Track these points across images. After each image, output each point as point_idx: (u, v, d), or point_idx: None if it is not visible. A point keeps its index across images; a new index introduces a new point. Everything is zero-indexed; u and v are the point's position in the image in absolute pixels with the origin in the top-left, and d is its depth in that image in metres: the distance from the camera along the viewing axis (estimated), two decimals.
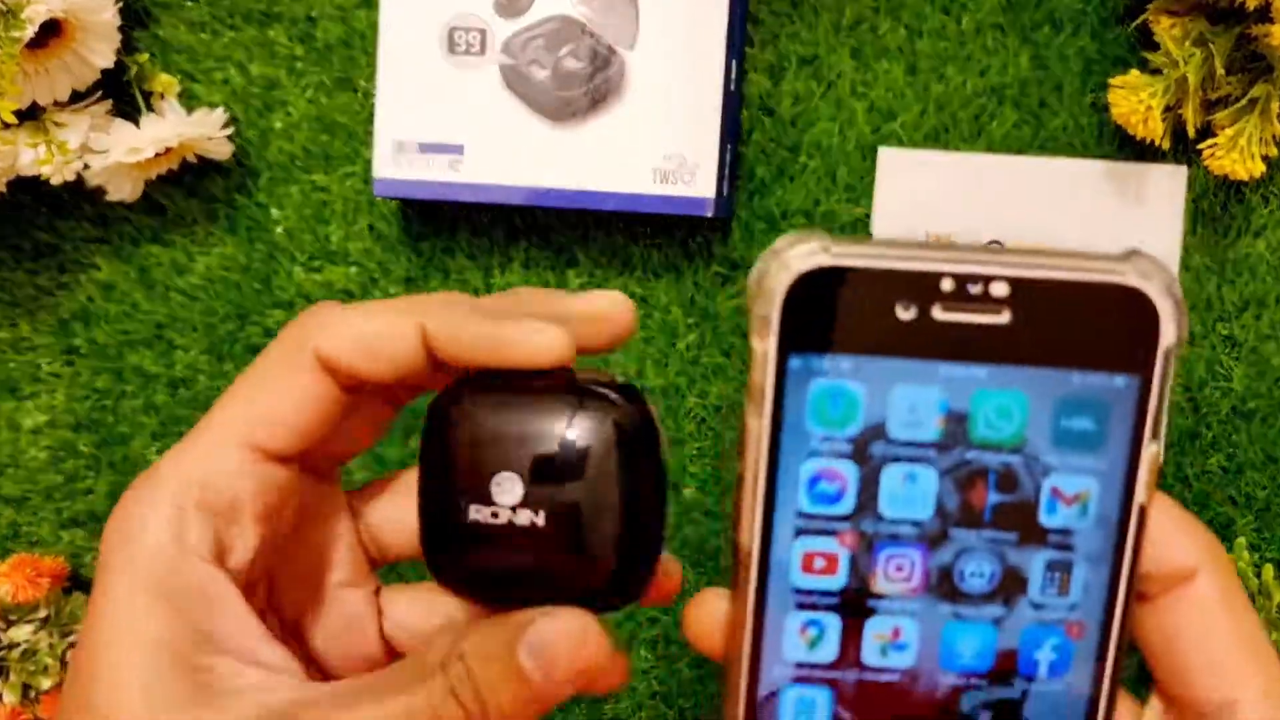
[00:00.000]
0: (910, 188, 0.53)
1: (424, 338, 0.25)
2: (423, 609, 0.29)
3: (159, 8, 0.54)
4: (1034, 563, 0.24)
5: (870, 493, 0.23)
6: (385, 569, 0.30)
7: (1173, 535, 0.25)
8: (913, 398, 0.22)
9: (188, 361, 0.56)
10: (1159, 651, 0.26)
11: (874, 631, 0.24)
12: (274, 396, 0.25)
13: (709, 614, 0.25)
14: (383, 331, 0.25)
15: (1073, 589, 0.24)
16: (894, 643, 0.24)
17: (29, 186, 0.54)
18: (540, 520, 0.23)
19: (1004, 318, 0.22)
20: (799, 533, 0.23)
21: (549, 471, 0.23)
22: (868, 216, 0.53)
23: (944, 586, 0.23)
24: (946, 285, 0.22)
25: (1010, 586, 0.24)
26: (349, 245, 0.55)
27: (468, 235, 0.55)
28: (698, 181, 0.50)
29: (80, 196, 0.55)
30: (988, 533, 0.23)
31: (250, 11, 0.54)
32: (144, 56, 0.53)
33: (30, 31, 0.47)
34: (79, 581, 0.56)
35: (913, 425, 0.23)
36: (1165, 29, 0.48)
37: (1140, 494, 0.24)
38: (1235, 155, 0.47)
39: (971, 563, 0.24)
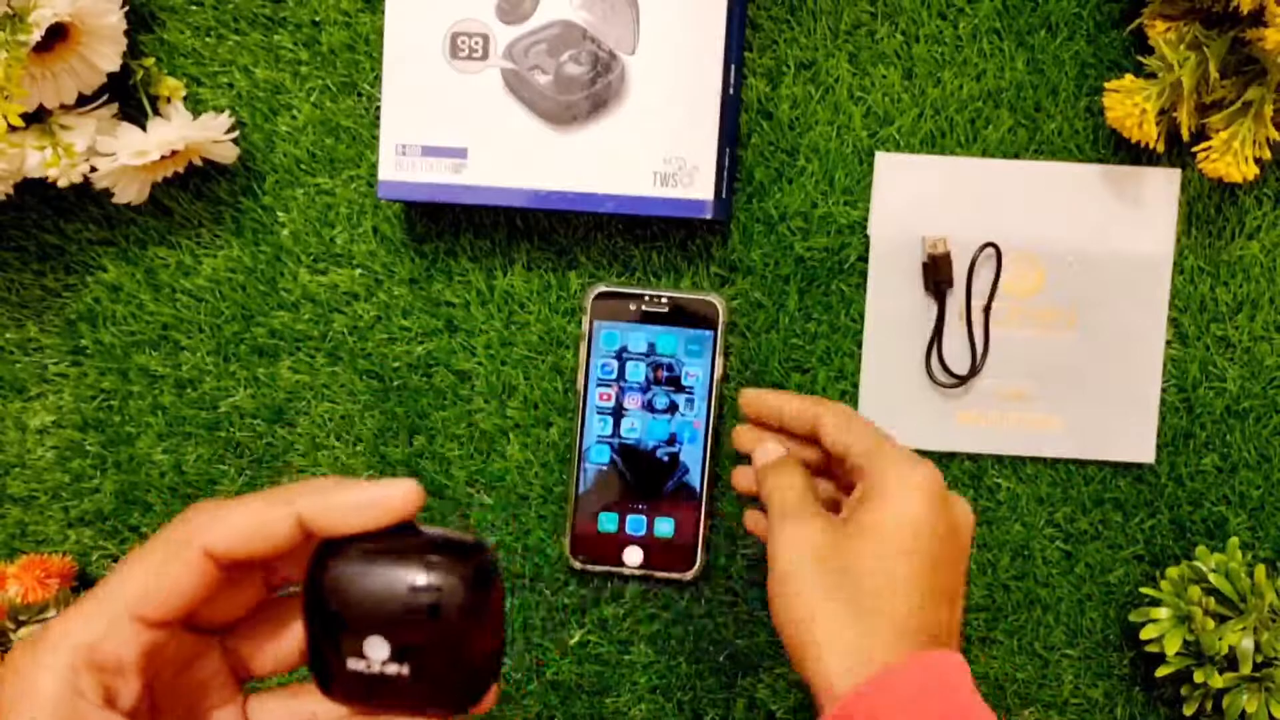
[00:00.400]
0: (906, 191, 0.53)
1: (298, 520, 0.30)
2: (285, 712, 0.33)
3: (165, 12, 0.55)
4: (680, 398, 0.54)
5: (621, 372, 0.54)
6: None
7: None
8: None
9: (194, 362, 0.56)
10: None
11: (624, 423, 0.55)
12: (157, 578, 0.29)
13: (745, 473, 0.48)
14: (262, 521, 0.29)
15: (697, 408, 0.54)
16: (631, 428, 0.54)
17: (36, 189, 0.55)
18: (404, 670, 0.29)
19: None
20: (598, 385, 0.54)
21: (407, 626, 0.29)
22: (865, 220, 0.54)
23: (650, 406, 0.55)
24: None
25: (674, 407, 0.54)
26: (353, 247, 0.56)
27: (470, 237, 0.55)
28: (697, 184, 0.51)
29: (87, 199, 0.55)
30: (665, 387, 0.55)
31: (255, 16, 0.55)
32: (150, 60, 0.54)
33: (37, 35, 0.47)
34: (86, 580, 0.57)
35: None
36: (1160, 33, 0.49)
37: (717, 373, 0.54)
38: (1229, 158, 0.48)
39: (658, 398, 0.54)
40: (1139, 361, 0.53)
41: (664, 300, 0.54)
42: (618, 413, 0.55)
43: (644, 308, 0.54)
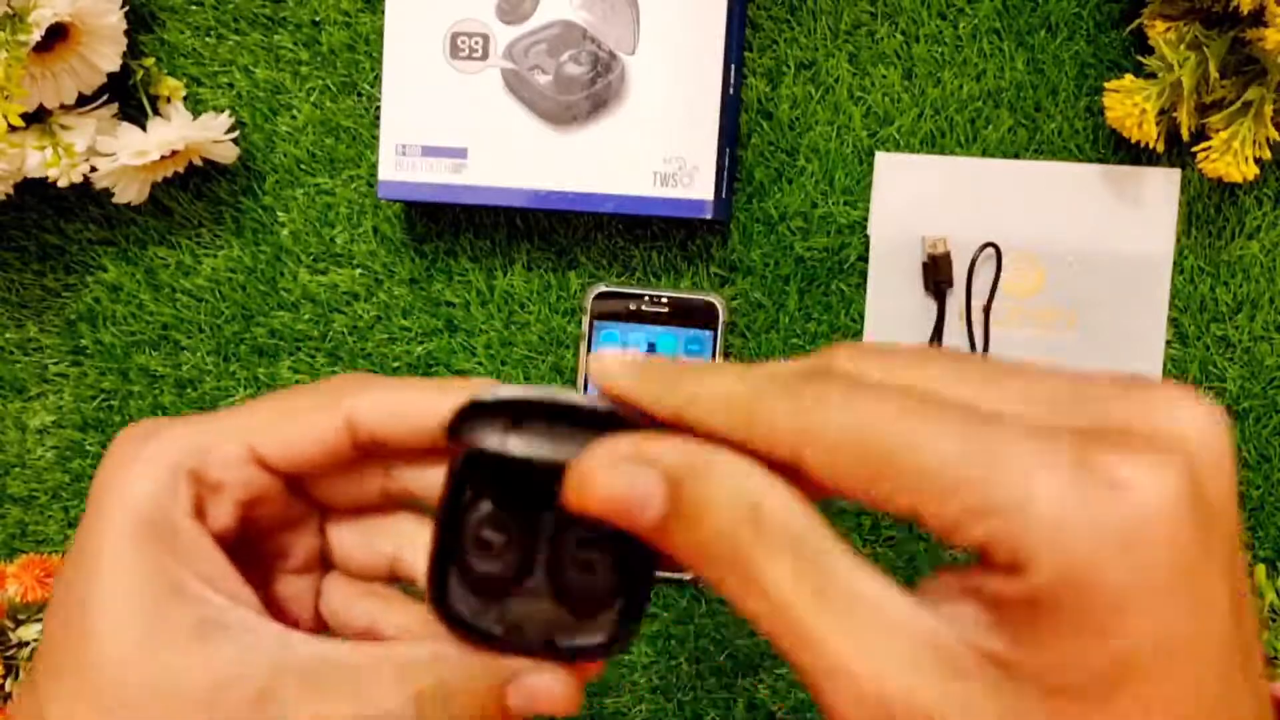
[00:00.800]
0: (906, 191, 0.54)
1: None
2: (350, 601, 0.32)
3: (165, 12, 0.55)
4: None
5: None
6: None
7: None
8: None
9: (194, 362, 0.56)
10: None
11: None
12: (291, 424, 0.28)
13: None
14: (420, 401, 0.28)
15: None
16: None
17: (36, 189, 0.55)
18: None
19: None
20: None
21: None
22: (865, 220, 0.54)
23: None
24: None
25: None
26: (354, 247, 0.56)
27: (470, 237, 0.55)
28: (697, 184, 0.51)
29: (87, 199, 0.55)
30: None
31: (256, 16, 0.55)
32: (150, 60, 0.54)
33: (37, 35, 0.47)
34: None
35: None
36: (1160, 33, 0.49)
37: None
38: (1229, 158, 0.48)
39: None
40: (1139, 362, 0.53)
41: (664, 300, 0.54)
42: None
43: (644, 308, 0.54)
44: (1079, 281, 0.53)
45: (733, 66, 0.52)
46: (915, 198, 0.53)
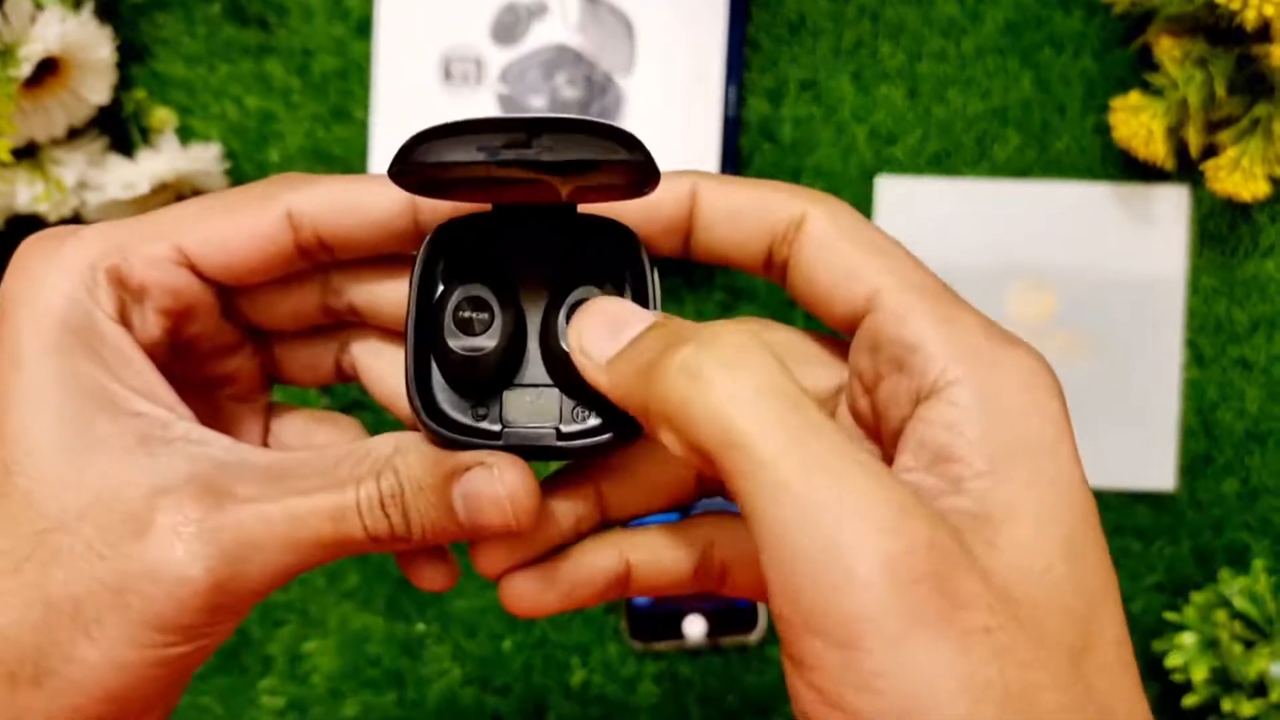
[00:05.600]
0: (910, 214, 0.55)
1: (410, 207, 0.27)
2: (302, 429, 0.31)
3: (156, 43, 0.57)
4: None
5: None
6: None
7: (775, 195, 0.27)
8: None
9: None
10: (813, 298, 0.28)
11: None
12: (225, 221, 0.27)
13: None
14: (364, 194, 0.27)
15: None
16: None
17: (26, 223, 0.57)
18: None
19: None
20: None
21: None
22: None
23: None
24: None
25: None
26: None
27: None
28: None
29: None
30: None
31: (247, 45, 0.57)
32: (141, 92, 0.56)
33: (27, 70, 0.49)
34: None
35: None
36: (1165, 50, 0.51)
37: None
38: (1238, 176, 0.50)
39: None
40: (1156, 385, 0.55)
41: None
42: None
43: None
44: (1091, 304, 0.55)
45: (732, 87, 0.54)
46: (918, 221, 0.55)
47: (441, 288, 0.27)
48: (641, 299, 0.27)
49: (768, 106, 0.56)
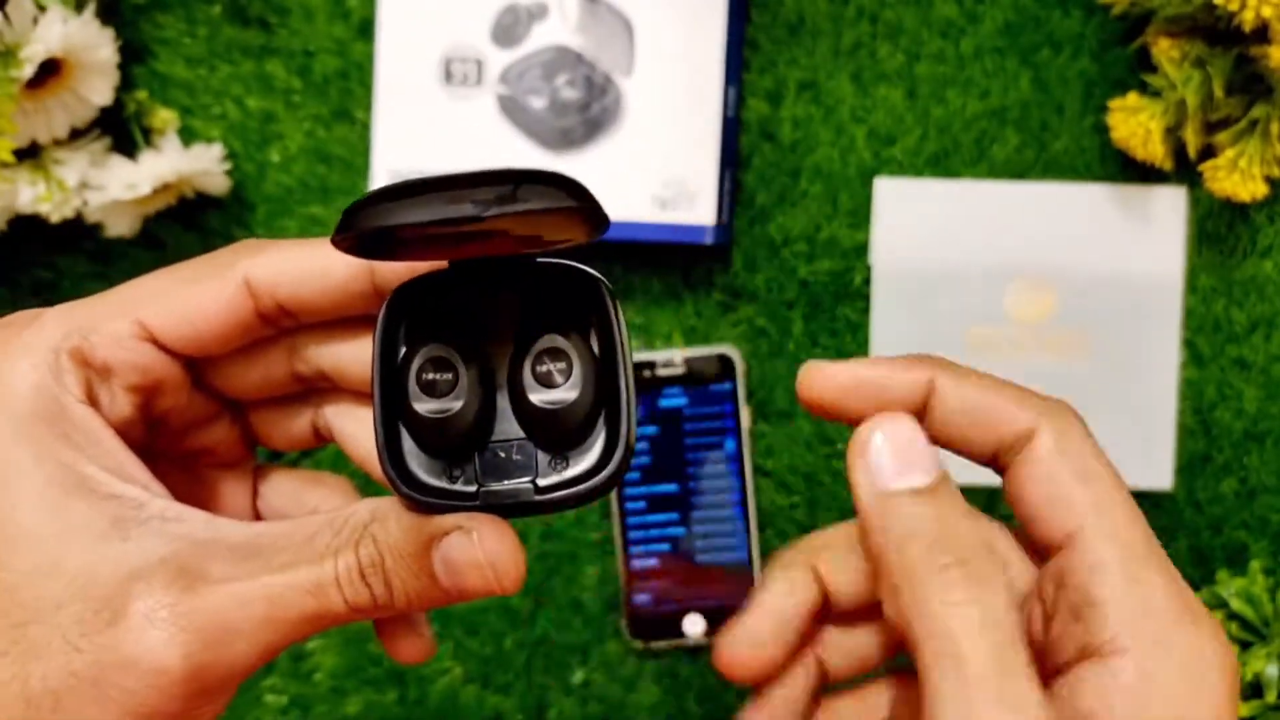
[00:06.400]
0: (908, 216, 0.56)
1: (371, 270, 0.27)
2: (293, 493, 0.31)
3: (157, 43, 0.58)
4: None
5: None
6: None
7: (1007, 404, 0.28)
8: None
9: None
10: (1020, 511, 0.29)
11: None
12: (183, 293, 0.27)
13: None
14: (322, 257, 0.27)
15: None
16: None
17: (28, 223, 0.58)
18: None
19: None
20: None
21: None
22: (869, 242, 0.56)
23: None
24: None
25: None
26: None
27: None
28: (697, 208, 0.53)
29: (79, 233, 0.58)
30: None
31: (248, 46, 0.58)
32: (143, 93, 0.57)
33: (29, 71, 0.50)
34: None
35: None
36: (1164, 51, 0.51)
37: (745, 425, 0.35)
38: (1236, 177, 0.50)
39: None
40: (1154, 385, 0.55)
41: (678, 363, 0.56)
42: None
43: (658, 373, 0.56)
44: (1090, 304, 0.55)
45: (731, 88, 0.55)
46: (917, 222, 0.56)
47: (404, 350, 0.26)
48: (608, 343, 0.26)
49: (767, 107, 0.56)
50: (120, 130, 0.57)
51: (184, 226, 0.59)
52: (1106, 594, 0.26)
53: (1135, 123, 0.51)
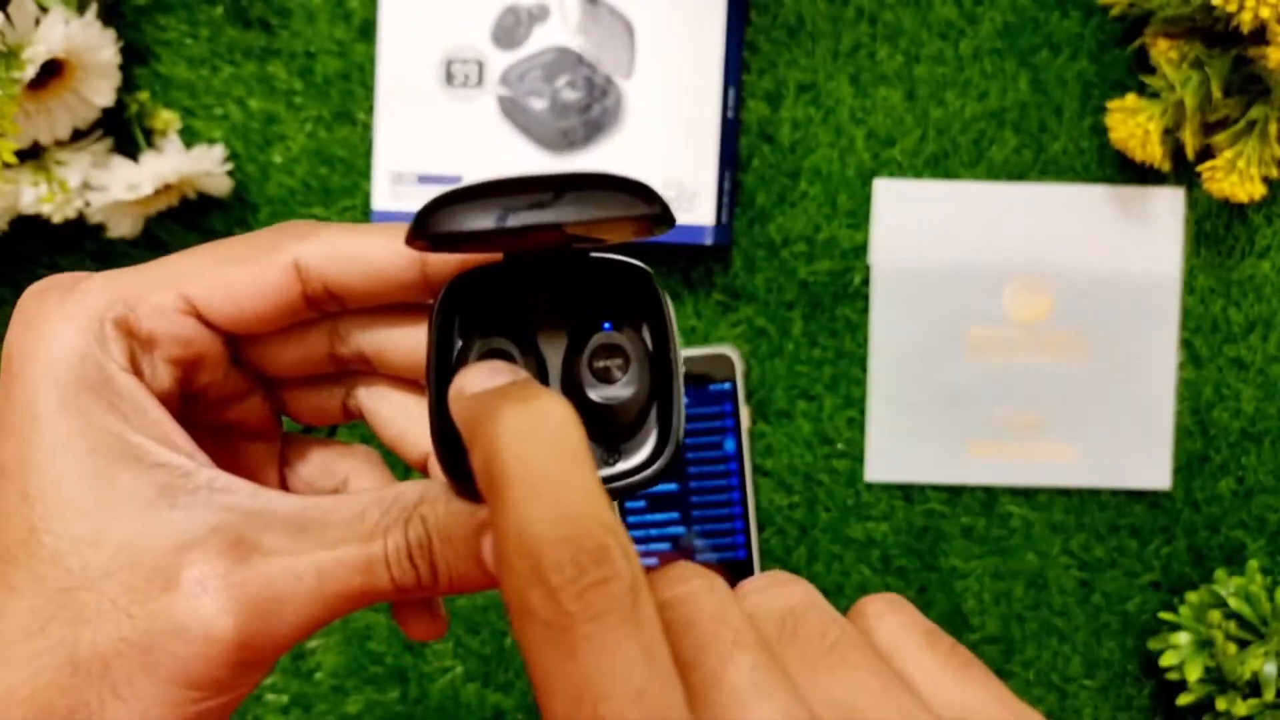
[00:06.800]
0: (907, 217, 0.56)
1: (423, 260, 0.27)
2: (321, 465, 0.31)
3: (160, 45, 0.58)
4: None
5: None
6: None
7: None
8: None
9: None
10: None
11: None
12: (232, 271, 0.27)
13: None
14: (373, 244, 0.27)
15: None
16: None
17: (30, 224, 0.58)
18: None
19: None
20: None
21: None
22: (868, 243, 0.56)
23: None
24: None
25: None
26: None
27: None
28: (697, 209, 0.54)
29: (81, 233, 0.58)
30: None
31: (250, 47, 0.58)
32: (145, 94, 0.57)
33: (31, 72, 0.50)
34: None
35: None
36: (1162, 52, 0.51)
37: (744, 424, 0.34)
38: (1234, 178, 0.50)
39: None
40: (1152, 385, 0.56)
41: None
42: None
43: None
44: (1088, 305, 0.56)
45: (731, 89, 0.55)
46: (916, 223, 0.56)
47: (460, 344, 0.26)
48: (661, 337, 0.26)
49: (766, 108, 0.57)
50: (122, 131, 0.57)
51: (186, 227, 0.59)
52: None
53: (1134, 124, 0.51)
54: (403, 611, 0.30)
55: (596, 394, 0.26)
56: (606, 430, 0.26)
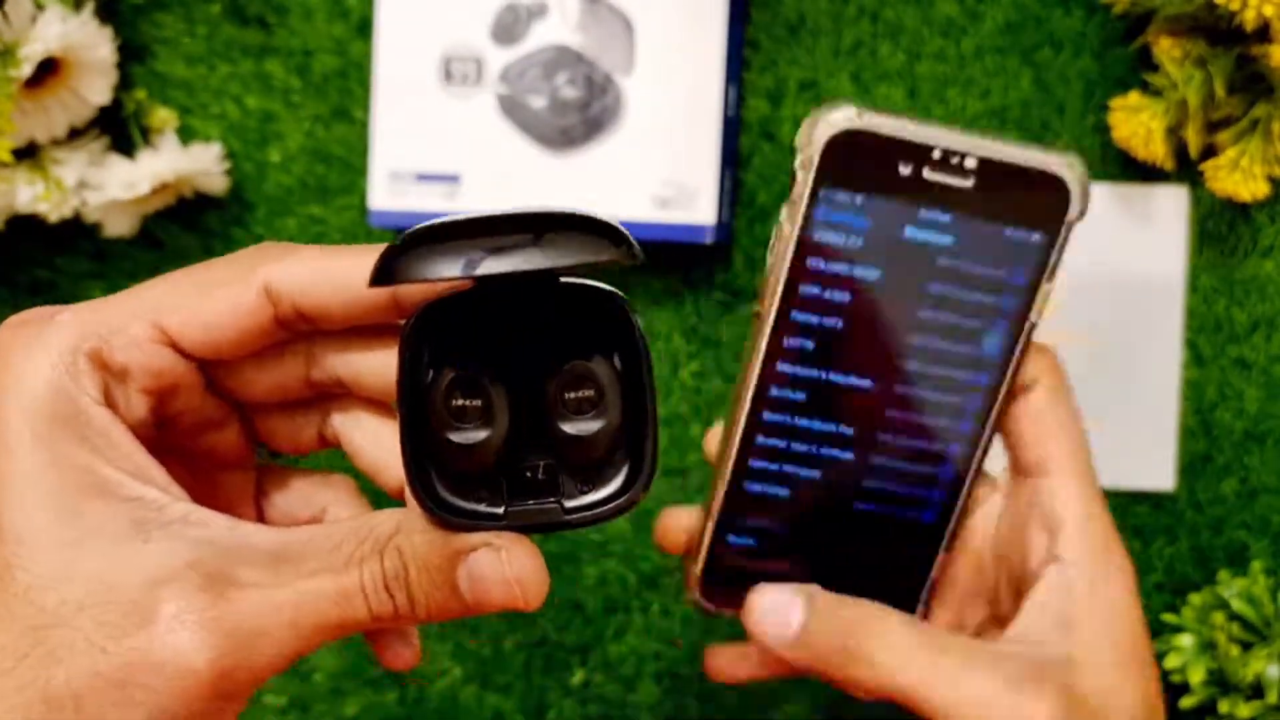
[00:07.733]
0: None
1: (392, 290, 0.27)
2: (301, 495, 0.32)
3: (156, 43, 0.58)
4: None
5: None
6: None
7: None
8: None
9: None
10: (1008, 431, 0.38)
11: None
12: (203, 298, 0.27)
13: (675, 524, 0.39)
14: (342, 266, 0.27)
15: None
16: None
17: (26, 223, 0.58)
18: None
19: (969, 182, 0.35)
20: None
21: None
22: None
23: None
24: (935, 155, 0.35)
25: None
26: None
27: None
28: (697, 208, 0.53)
29: (78, 232, 0.58)
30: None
31: (247, 45, 0.58)
32: (142, 92, 0.57)
33: (27, 70, 0.50)
34: None
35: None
36: (1165, 50, 0.51)
37: (1034, 315, 0.37)
38: (1237, 176, 0.50)
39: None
40: (1155, 385, 0.55)
41: (966, 164, 0.34)
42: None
43: (929, 173, 0.34)
44: (1092, 304, 0.55)
45: (731, 87, 0.55)
46: None
47: (431, 373, 0.26)
48: (633, 365, 0.26)
49: (767, 106, 0.56)
50: (119, 130, 0.57)
51: (183, 226, 0.59)
52: (1069, 516, 0.36)
53: (1136, 122, 0.51)
54: (378, 641, 0.30)
55: (570, 426, 0.26)
56: (580, 462, 0.26)
